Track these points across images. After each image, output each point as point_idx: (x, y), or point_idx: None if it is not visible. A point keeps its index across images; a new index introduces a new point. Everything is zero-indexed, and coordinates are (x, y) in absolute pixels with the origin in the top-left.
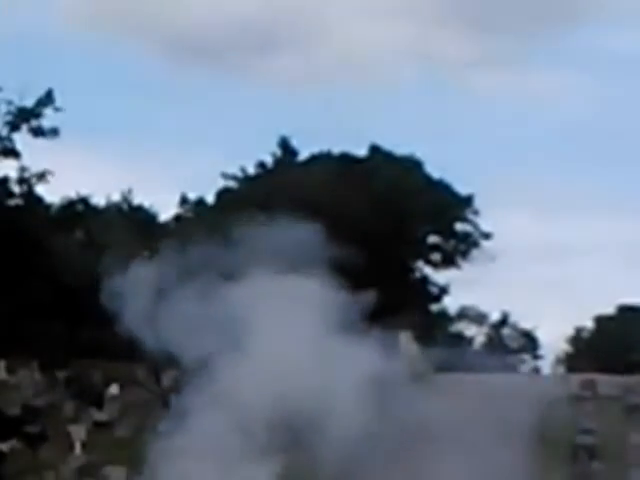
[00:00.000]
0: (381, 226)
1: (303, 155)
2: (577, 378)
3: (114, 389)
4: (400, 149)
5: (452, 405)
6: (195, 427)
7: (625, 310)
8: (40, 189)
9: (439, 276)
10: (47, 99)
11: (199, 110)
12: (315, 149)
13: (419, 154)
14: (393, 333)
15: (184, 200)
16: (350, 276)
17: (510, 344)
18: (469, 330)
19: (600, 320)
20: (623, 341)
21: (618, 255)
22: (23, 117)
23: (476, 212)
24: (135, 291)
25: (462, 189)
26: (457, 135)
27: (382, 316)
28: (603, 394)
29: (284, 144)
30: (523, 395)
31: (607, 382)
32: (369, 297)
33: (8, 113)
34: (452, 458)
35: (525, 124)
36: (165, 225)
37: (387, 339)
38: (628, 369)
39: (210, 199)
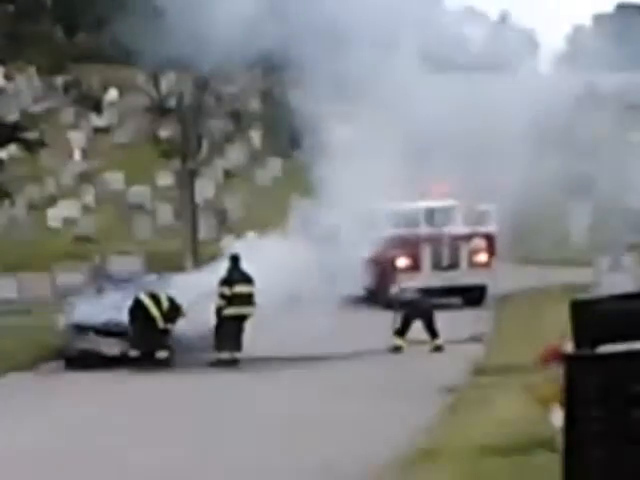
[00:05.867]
0: None
1: None
2: (578, 78)
3: (113, 94)
4: None
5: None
6: None
7: (624, 8)
8: None
9: None
10: None
11: None
12: None
13: None
14: None
15: None
16: None
17: (510, 45)
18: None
19: (599, 18)
20: (621, 40)
21: None
22: None
23: None
24: None
25: None
26: None
27: None
28: (603, 93)
29: None
30: (524, 97)
31: (607, 81)
32: None
33: None
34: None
35: None
36: None
37: None
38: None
39: None
